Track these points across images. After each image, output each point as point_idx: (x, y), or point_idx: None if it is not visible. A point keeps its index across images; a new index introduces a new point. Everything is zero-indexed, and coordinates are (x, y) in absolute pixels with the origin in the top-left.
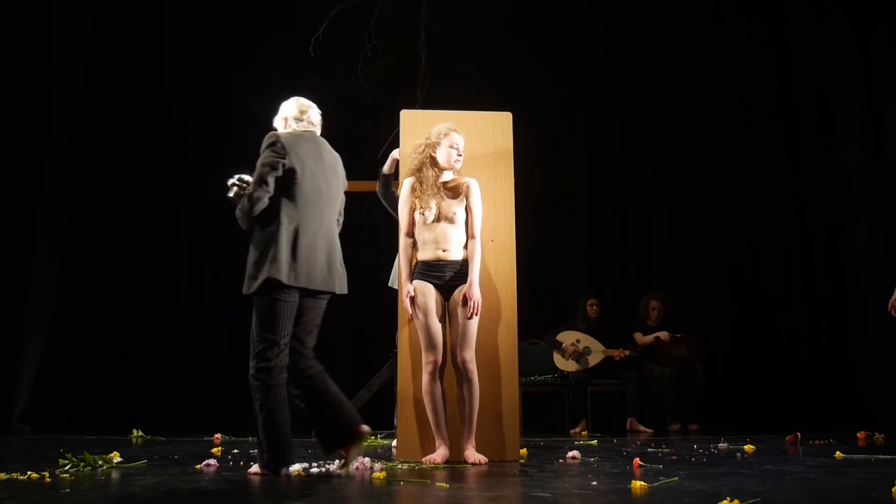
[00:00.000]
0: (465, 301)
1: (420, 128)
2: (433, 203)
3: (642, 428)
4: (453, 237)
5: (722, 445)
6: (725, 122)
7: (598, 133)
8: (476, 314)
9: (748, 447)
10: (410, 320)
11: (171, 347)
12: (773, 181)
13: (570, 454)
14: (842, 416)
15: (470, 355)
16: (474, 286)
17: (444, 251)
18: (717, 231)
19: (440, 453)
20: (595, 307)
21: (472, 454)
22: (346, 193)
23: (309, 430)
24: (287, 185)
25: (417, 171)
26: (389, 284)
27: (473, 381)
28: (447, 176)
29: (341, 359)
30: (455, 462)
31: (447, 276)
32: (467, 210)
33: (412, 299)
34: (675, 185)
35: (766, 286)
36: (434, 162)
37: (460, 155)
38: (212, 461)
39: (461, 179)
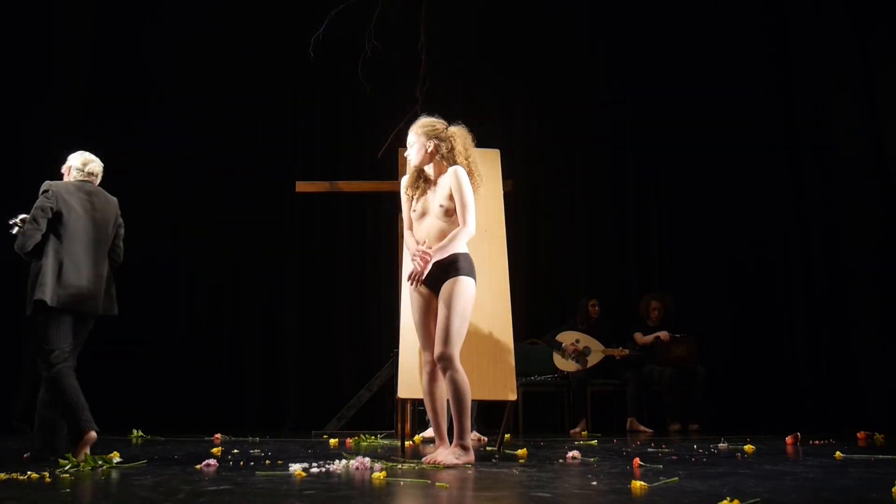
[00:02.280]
0: (448, 298)
1: None
2: (419, 199)
3: (642, 428)
4: (441, 232)
5: (722, 445)
6: (725, 123)
7: (598, 133)
8: (410, 277)
9: (748, 447)
10: (421, 278)
11: (171, 347)
12: (772, 181)
13: (570, 454)
14: (842, 416)
15: (448, 351)
16: (432, 255)
17: (430, 248)
18: (717, 231)
19: (441, 453)
20: (596, 307)
21: (453, 452)
22: (350, 194)
23: (297, 431)
24: (55, 225)
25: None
26: None
27: (455, 378)
28: (431, 171)
29: (342, 359)
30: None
31: (437, 273)
32: (453, 199)
33: (421, 269)
34: (675, 186)
35: (766, 286)
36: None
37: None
38: (212, 461)
39: (445, 171)
